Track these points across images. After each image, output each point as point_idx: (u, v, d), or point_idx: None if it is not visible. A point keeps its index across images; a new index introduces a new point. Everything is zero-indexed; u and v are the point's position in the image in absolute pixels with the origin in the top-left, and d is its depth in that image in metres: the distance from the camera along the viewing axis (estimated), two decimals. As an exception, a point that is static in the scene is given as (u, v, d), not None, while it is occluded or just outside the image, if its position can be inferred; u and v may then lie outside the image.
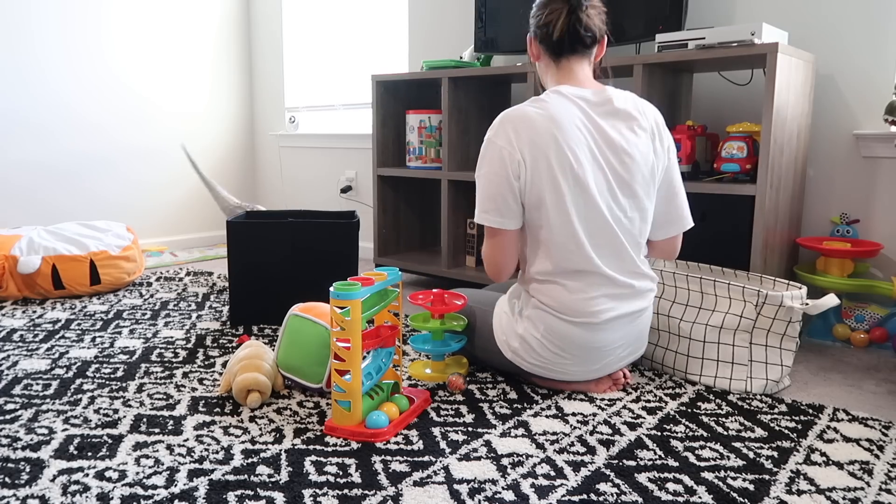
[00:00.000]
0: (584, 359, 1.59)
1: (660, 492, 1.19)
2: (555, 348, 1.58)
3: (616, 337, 1.59)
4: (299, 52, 3.84)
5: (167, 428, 1.42)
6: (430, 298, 1.76)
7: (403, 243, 2.99)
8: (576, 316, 1.55)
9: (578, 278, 1.55)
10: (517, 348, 1.63)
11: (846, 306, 2.09)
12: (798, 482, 1.23)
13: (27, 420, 1.45)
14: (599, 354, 1.59)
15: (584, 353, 1.58)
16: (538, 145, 1.51)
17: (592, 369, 1.61)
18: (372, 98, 2.83)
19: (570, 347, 1.57)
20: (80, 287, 2.54)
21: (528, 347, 1.61)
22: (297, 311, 1.64)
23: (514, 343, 1.63)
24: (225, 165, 3.99)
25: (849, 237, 2.13)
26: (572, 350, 1.57)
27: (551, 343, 1.58)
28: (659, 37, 2.05)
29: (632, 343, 1.64)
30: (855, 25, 2.10)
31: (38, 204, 3.22)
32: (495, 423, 1.46)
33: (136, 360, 1.85)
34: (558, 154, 1.50)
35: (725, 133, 2.11)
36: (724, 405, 1.58)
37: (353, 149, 3.58)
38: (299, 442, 1.36)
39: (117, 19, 3.41)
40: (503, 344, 1.66)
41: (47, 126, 3.21)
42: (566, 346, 1.57)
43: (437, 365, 1.75)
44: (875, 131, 2.07)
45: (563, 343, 1.57)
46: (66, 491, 1.16)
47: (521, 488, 1.19)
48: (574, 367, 1.60)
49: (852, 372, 1.85)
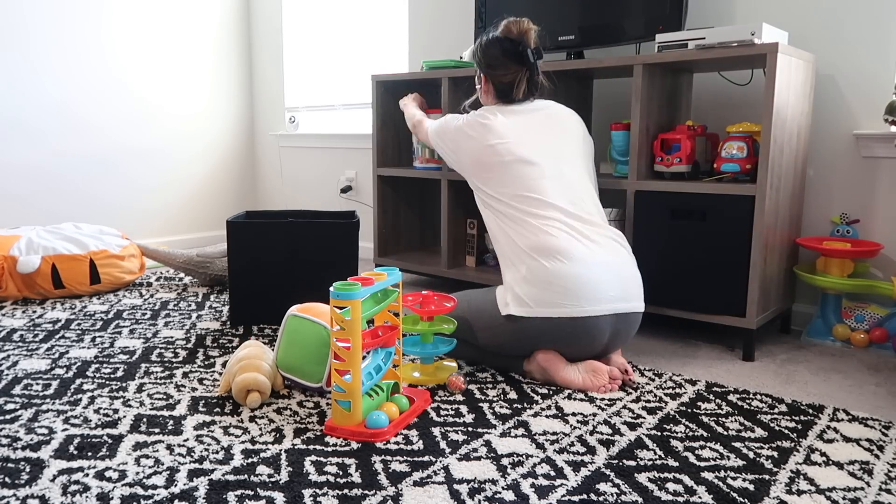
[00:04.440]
0: (572, 290, 1.64)
1: (660, 492, 1.19)
2: (541, 283, 1.66)
3: (592, 271, 1.67)
4: (299, 52, 3.85)
5: (167, 428, 1.42)
6: (420, 300, 1.76)
7: (403, 243, 2.99)
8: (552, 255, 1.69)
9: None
10: (510, 299, 1.69)
11: (846, 306, 2.09)
12: (798, 482, 1.23)
13: (27, 420, 1.45)
14: (586, 287, 1.65)
15: (569, 282, 1.64)
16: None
17: (587, 308, 1.64)
18: (372, 98, 2.83)
19: (555, 278, 1.65)
20: (79, 287, 2.54)
21: (518, 296, 1.68)
22: (296, 312, 1.65)
23: (508, 296, 1.71)
24: (225, 165, 3.99)
25: (849, 237, 2.13)
26: (558, 280, 1.65)
27: (536, 278, 1.67)
28: (659, 37, 2.05)
29: (618, 285, 1.69)
30: (855, 25, 2.10)
31: (36, 207, 3.22)
32: (495, 423, 1.46)
33: (136, 360, 1.85)
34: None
35: (725, 133, 2.11)
36: (724, 405, 1.58)
37: (353, 149, 3.58)
38: (299, 442, 1.36)
39: (116, 19, 3.41)
40: (503, 305, 1.71)
41: (44, 128, 3.21)
42: (551, 278, 1.66)
43: (426, 368, 1.74)
44: (875, 131, 2.07)
45: (548, 275, 1.66)
46: (66, 491, 1.16)
47: (521, 488, 1.19)
48: (566, 299, 1.64)
49: (852, 372, 1.85)
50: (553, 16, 2.45)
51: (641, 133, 2.09)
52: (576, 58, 2.46)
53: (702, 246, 1.98)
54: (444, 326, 1.73)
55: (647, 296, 2.08)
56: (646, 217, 2.08)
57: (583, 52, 2.48)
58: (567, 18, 2.42)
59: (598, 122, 2.68)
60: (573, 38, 2.42)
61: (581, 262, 1.66)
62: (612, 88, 2.63)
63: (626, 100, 2.59)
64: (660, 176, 2.14)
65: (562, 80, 2.41)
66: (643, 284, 2.09)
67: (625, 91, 2.59)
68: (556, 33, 2.44)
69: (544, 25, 2.47)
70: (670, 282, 2.04)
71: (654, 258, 2.07)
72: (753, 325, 1.92)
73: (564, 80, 2.42)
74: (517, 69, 1.85)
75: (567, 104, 2.47)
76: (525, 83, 1.86)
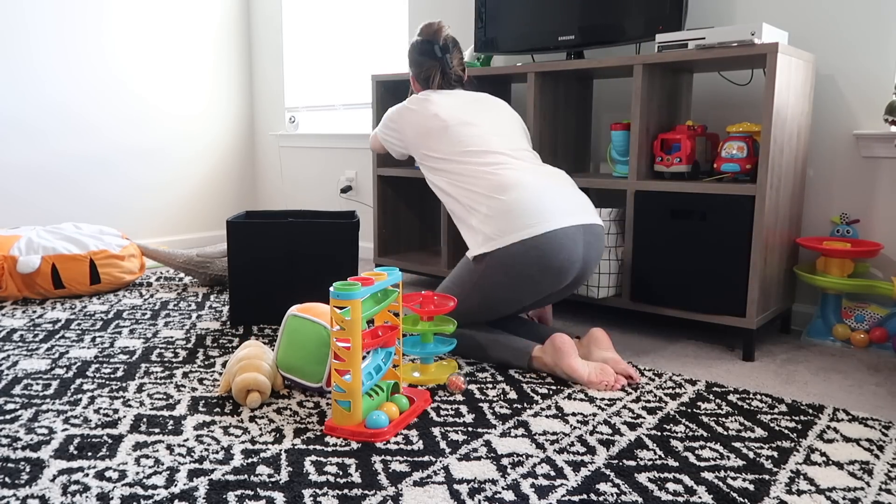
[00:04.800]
0: (534, 210, 1.73)
1: (660, 492, 1.19)
2: (500, 215, 1.75)
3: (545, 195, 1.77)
4: (299, 52, 3.84)
5: (167, 428, 1.42)
6: (419, 301, 1.75)
7: (403, 243, 2.99)
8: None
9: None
10: (480, 241, 1.78)
11: (846, 306, 2.09)
12: (798, 482, 1.23)
13: (27, 420, 1.45)
14: (546, 204, 1.75)
15: (529, 205, 1.74)
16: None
17: (552, 222, 1.72)
18: (372, 98, 2.83)
19: (515, 205, 1.74)
20: (79, 286, 2.54)
21: (485, 235, 1.76)
22: (296, 312, 1.65)
23: (477, 239, 1.79)
24: (225, 165, 3.99)
25: (849, 237, 2.13)
26: (518, 206, 1.74)
27: (497, 211, 1.76)
28: (659, 37, 2.05)
29: (574, 202, 1.81)
30: (855, 25, 2.10)
31: (36, 207, 3.22)
32: (495, 423, 1.46)
33: (136, 360, 1.85)
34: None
35: (725, 133, 2.11)
36: (724, 405, 1.58)
37: (353, 149, 3.58)
38: (299, 442, 1.36)
39: (116, 19, 3.41)
40: (473, 253, 1.79)
41: (44, 128, 3.21)
42: (512, 206, 1.74)
43: (426, 368, 1.74)
44: (875, 131, 2.07)
45: (507, 205, 1.75)
46: (66, 491, 1.16)
47: (521, 488, 1.19)
48: (531, 219, 1.72)
49: (852, 372, 1.85)
50: (553, 16, 2.45)
51: (641, 133, 2.09)
52: (576, 58, 2.46)
53: (702, 246, 1.98)
54: (444, 326, 1.73)
55: (648, 296, 2.08)
56: (646, 217, 2.08)
57: (583, 52, 2.48)
58: (567, 18, 2.42)
59: (598, 122, 2.68)
60: (573, 38, 2.42)
61: (534, 187, 1.78)
62: (612, 88, 2.63)
63: (626, 100, 2.59)
64: (660, 176, 2.14)
65: (562, 80, 2.41)
66: (643, 284, 2.10)
67: (625, 91, 2.59)
68: (556, 33, 2.44)
69: (544, 25, 2.47)
70: (670, 282, 2.04)
71: (654, 258, 2.07)
72: (753, 325, 1.92)
73: (564, 80, 2.42)
74: (432, 65, 2.06)
75: (567, 104, 2.48)
76: (439, 75, 2.06)
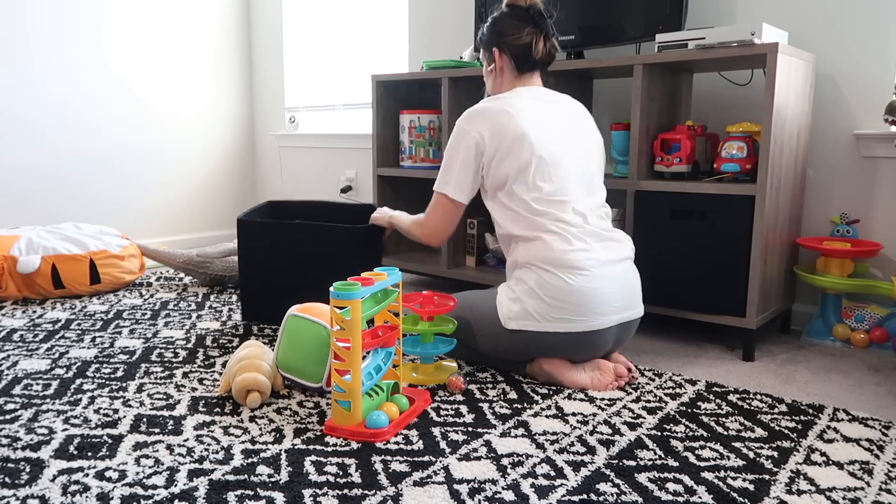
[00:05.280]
0: (582, 306, 1.63)
1: (660, 492, 1.19)
2: (549, 298, 1.64)
3: (601, 284, 1.65)
4: (299, 52, 3.84)
5: (167, 428, 1.42)
6: (420, 301, 1.75)
7: (403, 243, 2.99)
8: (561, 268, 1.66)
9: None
10: (516, 311, 1.67)
11: (846, 306, 2.09)
12: (798, 482, 1.23)
13: (27, 420, 1.45)
14: (595, 302, 1.63)
15: (579, 298, 1.63)
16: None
17: (594, 322, 1.64)
18: (372, 98, 2.83)
19: (565, 294, 1.63)
20: (79, 287, 2.54)
21: (525, 309, 1.65)
22: (296, 312, 1.65)
23: (514, 308, 1.67)
24: (225, 165, 3.99)
25: (849, 237, 2.13)
26: (568, 297, 1.63)
27: (544, 291, 1.64)
28: (659, 37, 2.05)
29: (624, 294, 1.69)
30: (855, 25, 2.10)
31: (36, 207, 3.22)
32: (495, 423, 1.46)
33: (136, 360, 1.85)
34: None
35: (725, 133, 2.11)
36: (724, 405, 1.58)
37: (353, 149, 3.58)
38: (299, 442, 1.36)
39: (116, 19, 3.41)
40: (506, 319, 1.68)
41: (44, 128, 3.21)
42: (561, 294, 1.63)
43: (426, 368, 1.74)
44: (875, 131, 2.07)
45: (558, 290, 1.63)
46: (66, 491, 1.16)
47: (521, 488, 1.19)
48: (575, 315, 1.63)
49: (852, 372, 1.85)
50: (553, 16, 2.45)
51: (641, 133, 2.09)
52: (576, 58, 2.46)
53: (702, 246, 1.98)
54: (444, 326, 1.73)
55: (648, 296, 2.08)
56: (646, 217, 2.08)
57: (583, 52, 2.48)
58: (567, 18, 2.42)
59: (598, 122, 2.67)
60: (573, 38, 2.42)
61: (591, 276, 1.63)
62: (612, 88, 2.63)
63: (626, 100, 2.59)
64: (660, 176, 2.14)
65: (562, 80, 2.41)
66: (643, 285, 2.09)
67: (625, 91, 2.59)
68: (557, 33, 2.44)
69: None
70: (670, 282, 2.04)
71: (654, 258, 2.06)
72: (753, 325, 1.92)
73: (564, 79, 2.42)
74: (532, 30, 1.78)
75: (567, 104, 2.48)
76: (542, 44, 1.78)
